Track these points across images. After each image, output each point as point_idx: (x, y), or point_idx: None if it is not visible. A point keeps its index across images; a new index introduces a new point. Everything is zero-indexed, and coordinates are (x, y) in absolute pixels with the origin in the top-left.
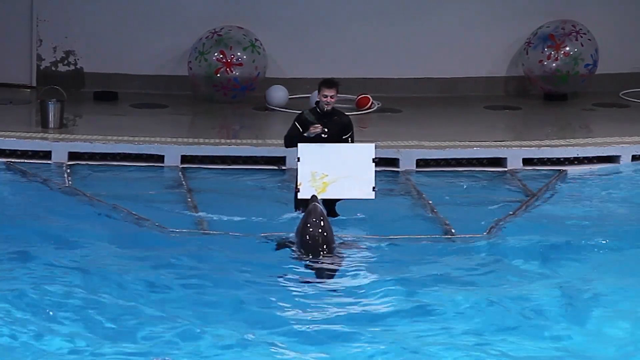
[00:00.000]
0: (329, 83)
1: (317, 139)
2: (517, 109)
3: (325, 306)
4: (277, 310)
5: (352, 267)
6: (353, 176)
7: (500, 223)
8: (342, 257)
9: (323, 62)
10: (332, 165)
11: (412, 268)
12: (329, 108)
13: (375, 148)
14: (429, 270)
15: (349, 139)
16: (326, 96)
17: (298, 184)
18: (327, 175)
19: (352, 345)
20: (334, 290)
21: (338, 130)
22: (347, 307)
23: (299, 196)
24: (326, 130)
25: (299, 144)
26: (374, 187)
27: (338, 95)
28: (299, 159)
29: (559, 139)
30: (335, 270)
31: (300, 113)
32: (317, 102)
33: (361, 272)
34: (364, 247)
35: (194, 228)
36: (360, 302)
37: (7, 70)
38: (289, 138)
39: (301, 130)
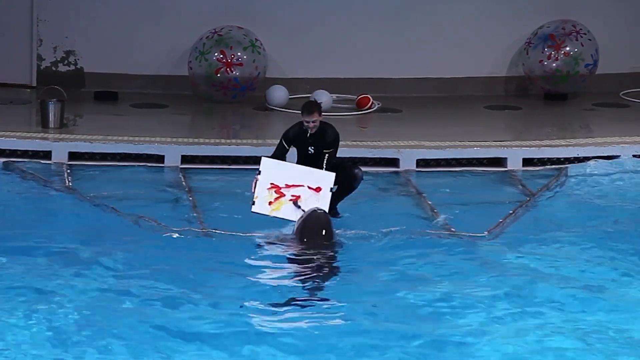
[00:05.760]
0: (308, 109)
1: (303, 155)
2: (517, 109)
3: (324, 305)
4: (276, 309)
5: (350, 264)
6: (308, 200)
7: (500, 223)
8: (341, 248)
9: (323, 62)
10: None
11: (411, 267)
12: (312, 132)
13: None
14: (429, 270)
15: (328, 154)
16: (308, 122)
17: (254, 197)
18: (284, 195)
19: (351, 345)
20: (333, 290)
21: (324, 147)
22: (346, 305)
23: (253, 209)
24: (312, 148)
25: (262, 158)
26: None
27: (338, 95)
28: (259, 172)
29: (559, 139)
30: (334, 269)
31: (287, 131)
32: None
33: (359, 270)
34: (362, 243)
35: (194, 228)
36: (358, 301)
37: (7, 70)
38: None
39: (287, 147)
